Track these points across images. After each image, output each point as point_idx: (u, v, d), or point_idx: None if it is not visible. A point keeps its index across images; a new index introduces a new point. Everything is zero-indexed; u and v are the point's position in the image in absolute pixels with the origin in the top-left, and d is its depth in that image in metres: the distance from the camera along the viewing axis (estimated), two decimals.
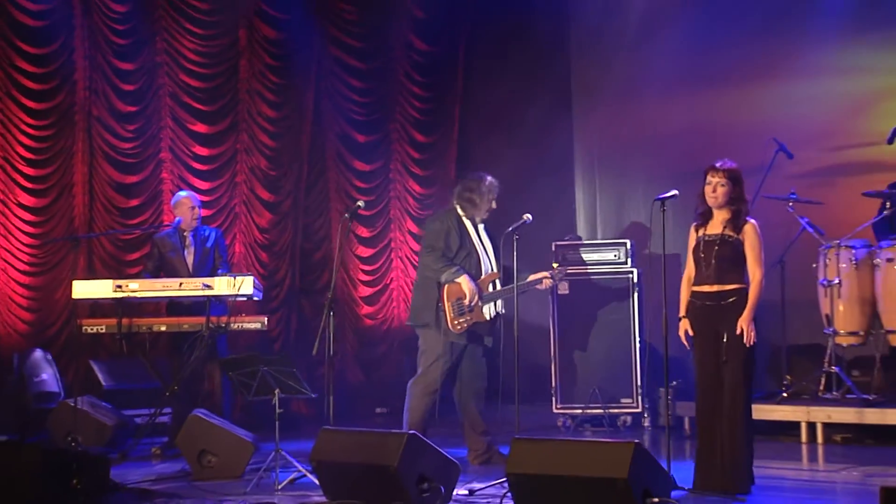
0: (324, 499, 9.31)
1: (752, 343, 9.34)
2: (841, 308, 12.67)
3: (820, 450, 11.98)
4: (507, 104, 17.14)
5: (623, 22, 16.44)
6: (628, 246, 13.79)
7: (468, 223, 11.26)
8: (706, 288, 9.44)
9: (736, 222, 9.41)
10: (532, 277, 11.38)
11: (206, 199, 14.76)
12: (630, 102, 16.65)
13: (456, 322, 10.86)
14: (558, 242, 14.02)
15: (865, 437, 12.12)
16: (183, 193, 13.15)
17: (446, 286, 10.91)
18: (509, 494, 8.82)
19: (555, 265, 12.76)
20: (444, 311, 10.91)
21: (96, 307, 12.94)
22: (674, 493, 8.75)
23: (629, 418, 13.35)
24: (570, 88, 17.43)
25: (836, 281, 12.61)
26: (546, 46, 17.25)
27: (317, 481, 9.71)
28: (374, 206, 16.18)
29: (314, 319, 14.70)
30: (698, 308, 9.54)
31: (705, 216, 9.54)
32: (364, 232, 16.05)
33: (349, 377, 15.67)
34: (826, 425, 12.18)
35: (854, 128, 14.83)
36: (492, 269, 11.28)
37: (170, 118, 14.52)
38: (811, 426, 12.14)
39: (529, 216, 11.18)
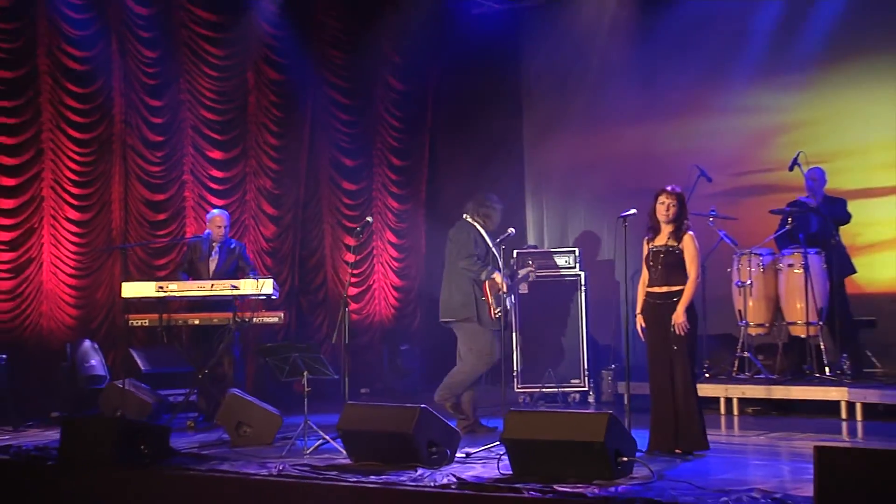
0: (348, 461, 9.59)
1: (683, 331, 9.74)
2: (751, 304, 13.21)
3: (735, 420, 12.44)
4: (469, 135, 17.33)
5: (569, 64, 16.65)
6: (577, 253, 14.18)
7: (483, 231, 11.52)
8: (656, 289, 9.85)
9: (678, 234, 9.80)
10: (522, 271, 11.90)
11: (222, 205, 14.75)
12: (573, 134, 16.88)
13: (496, 311, 11.07)
14: (519, 250, 14.39)
15: (771, 410, 12.66)
16: (216, 211, 13.46)
17: (487, 282, 11.13)
18: (505, 456, 9.01)
19: (530, 262, 13.15)
20: (488, 303, 11.10)
21: (129, 304, 12.85)
22: (637, 454, 9.13)
23: (577, 395, 13.70)
24: (521, 122, 17.67)
25: (748, 282, 13.15)
26: (502, 86, 17.44)
27: (339, 447, 10.00)
28: (360, 220, 15.61)
29: (310, 314, 15.64)
30: (650, 306, 9.94)
31: (654, 230, 9.93)
32: (351, 241, 15.16)
33: (338, 362, 15.47)
34: (740, 400, 12.65)
35: (761, 157, 15.33)
36: (502, 269, 11.46)
37: (191, 146, 14.75)
38: (728, 401, 12.62)
39: (513, 230, 11.70)
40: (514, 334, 13.84)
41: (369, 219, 13.06)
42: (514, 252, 14.45)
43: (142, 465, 9.66)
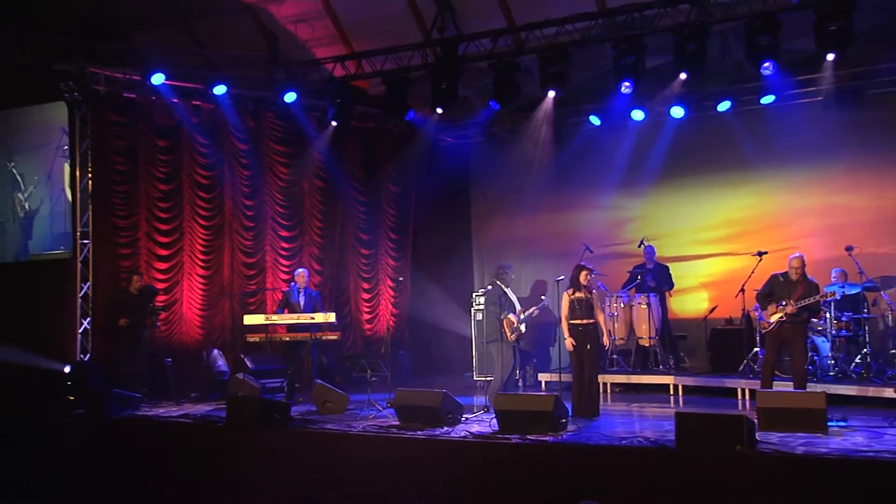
0: (398, 423, 10.45)
1: (600, 343, 10.84)
2: (616, 326, 13.91)
3: (609, 396, 13.17)
4: (437, 220, 17.69)
5: (502, 175, 16.90)
6: None
7: (504, 287, 11.70)
8: (578, 322, 10.77)
9: (589, 290, 10.83)
10: (531, 310, 11.73)
11: (287, 265, 15.37)
12: (504, 220, 17.26)
13: (511, 336, 11.35)
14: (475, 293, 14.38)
15: (631, 390, 13.43)
16: (301, 270, 13.85)
17: (504, 320, 11.39)
18: (493, 419, 9.97)
19: (542, 297, 12.93)
20: (505, 332, 11.37)
21: (246, 327, 13.33)
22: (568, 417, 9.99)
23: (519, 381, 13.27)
24: (470, 212, 17.97)
25: (616, 314, 13.90)
26: (457, 190, 17.73)
27: (390, 415, 10.85)
28: (371, 272, 16.59)
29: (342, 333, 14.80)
30: (576, 330, 10.80)
31: (575, 287, 10.84)
32: (366, 286, 16.50)
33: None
34: (612, 384, 13.50)
35: (620, 237, 15.89)
36: (519, 307, 11.61)
37: (270, 229, 15.28)
38: (605, 385, 13.22)
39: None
40: (472, 345, 14.11)
41: (400, 278, 14.34)
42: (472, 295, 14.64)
43: (276, 426, 10.59)
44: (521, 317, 11.54)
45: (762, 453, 8.09)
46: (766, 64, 11.61)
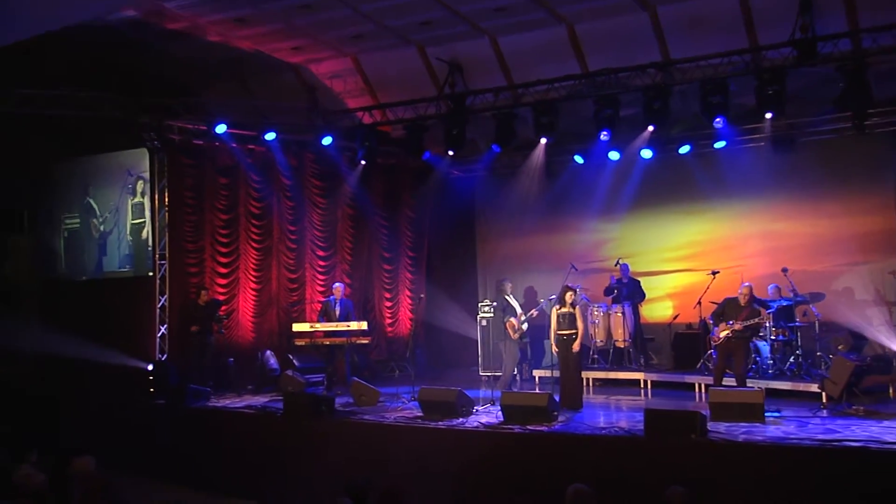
0: (421, 415, 10.72)
1: (578, 349, 11.14)
2: (597, 331, 14.15)
3: (591, 389, 13.33)
4: (448, 240, 17.68)
5: (502, 202, 16.76)
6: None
7: (506, 296, 12.32)
8: (564, 332, 11.14)
9: (573, 306, 11.18)
10: (531, 312, 12.37)
11: (323, 279, 15.64)
12: (504, 240, 17.23)
13: (514, 335, 11.98)
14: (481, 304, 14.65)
15: (608, 384, 13.62)
16: (338, 284, 14.11)
17: (507, 323, 12.05)
18: (499, 412, 10.26)
19: (541, 300, 13.32)
20: (509, 332, 12.04)
21: (295, 333, 13.68)
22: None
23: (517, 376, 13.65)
24: (475, 233, 18.03)
25: (597, 321, 14.12)
26: (464, 215, 17.73)
27: (414, 407, 11.17)
28: (392, 284, 16.77)
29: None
30: (562, 339, 11.15)
31: (561, 304, 11.21)
32: (388, 294, 16.68)
33: (381, 359, 16.02)
34: (594, 379, 13.72)
35: (600, 255, 15.96)
36: (520, 311, 12.24)
37: (309, 250, 15.55)
38: (588, 380, 13.37)
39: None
40: (478, 344, 14.28)
41: (422, 295, 14.64)
42: (478, 305, 14.94)
43: (324, 416, 10.98)
44: (522, 318, 11.91)
45: (712, 441, 8.62)
46: (718, 119, 12.34)
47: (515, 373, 13.31)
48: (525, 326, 12.11)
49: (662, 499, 5.80)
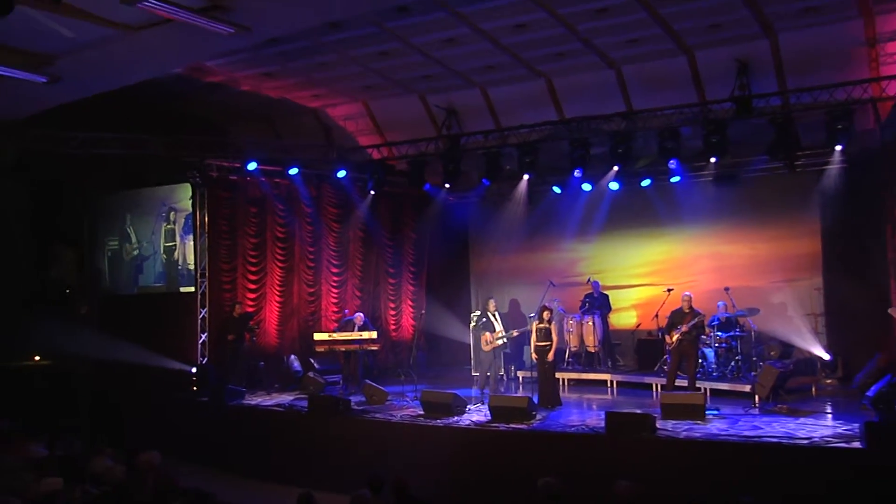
0: (423, 413, 11.13)
1: (553, 358, 11.70)
2: (571, 338, 14.46)
3: (566, 388, 13.69)
4: (444, 258, 17.93)
5: (492, 224, 16.94)
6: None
7: (489, 312, 12.54)
8: (541, 343, 11.66)
9: (549, 322, 11.73)
10: (511, 332, 12.53)
11: (337, 293, 16.14)
12: (495, 258, 17.26)
13: (486, 347, 12.21)
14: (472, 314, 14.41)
15: (581, 383, 13.95)
16: (359, 314, 14.49)
17: (482, 336, 12.31)
18: (488, 411, 10.67)
19: (530, 315, 12.77)
20: (482, 344, 12.31)
21: (315, 341, 14.10)
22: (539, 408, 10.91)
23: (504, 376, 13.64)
24: (468, 252, 18.23)
25: (571, 330, 14.46)
26: (458, 235, 17.98)
27: (417, 406, 11.55)
28: (396, 296, 17.15)
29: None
30: (539, 349, 11.66)
31: (539, 319, 11.71)
32: (392, 304, 17.04)
33: (387, 360, 16.42)
34: (568, 379, 14.01)
35: (574, 272, 16.30)
36: (499, 329, 12.35)
37: (325, 267, 16.03)
38: (563, 380, 13.76)
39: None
40: (471, 350, 14.23)
41: (423, 311, 15.12)
42: (471, 315, 14.79)
43: (342, 415, 11.43)
44: (500, 335, 12.29)
45: (659, 438, 9.29)
46: (672, 161, 13.30)
47: (502, 373, 13.62)
48: (500, 342, 12.37)
49: (611, 491, 6.28)
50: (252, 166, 14.66)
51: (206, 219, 14.62)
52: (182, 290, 15.28)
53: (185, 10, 8.61)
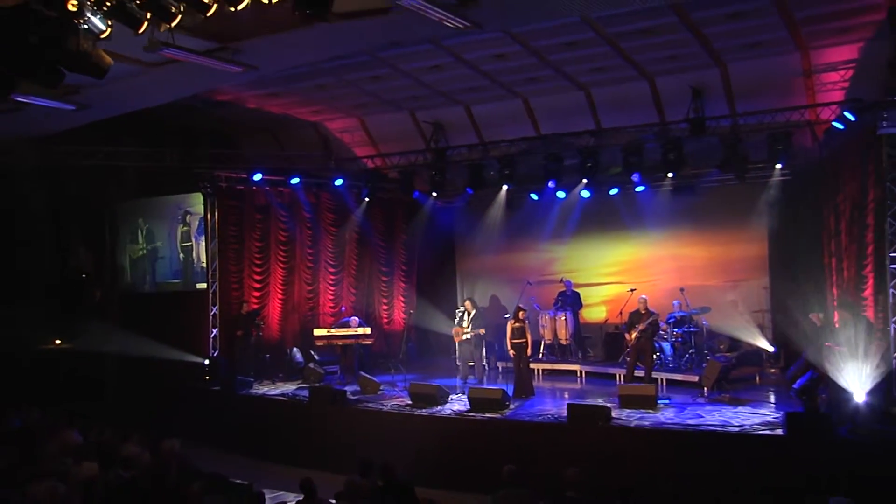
0: (411, 403, 11.56)
1: (528, 353, 12.30)
2: (545, 332, 14.93)
3: (541, 378, 14.23)
4: (432, 258, 18.19)
5: (475, 227, 17.17)
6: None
7: (465, 311, 13.17)
8: (516, 340, 12.26)
9: (524, 320, 12.32)
10: (471, 331, 12.86)
11: (333, 290, 16.50)
12: (480, 257, 17.62)
13: (457, 338, 12.99)
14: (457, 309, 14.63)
15: (554, 373, 14.43)
16: (355, 318, 14.83)
17: (454, 330, 13.09)
18: (467, 402, 11.12)
19: (506, 316, 13.56)
20: (454, 336, 13.12)
21: (316, 336, 14.58)
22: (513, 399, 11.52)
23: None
24: (454, 252, 18.53)
25: (545, 324, 14.87)
26: (445, 238, 18.20)
27: (405, 396, 12.06)
28: (388, 292, 17.44)
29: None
30: (515, 345, 12.30)
31: (516, 319, 12.35)
32: (385, 300, 17.29)
33: (380, 350, 16.44)
34: (543, 370, 14.49)
35: (549, 271, 16.54)
36: (465, 325, 13.01)
37: (323, 268, 16.34)
38: (538, 371, 14.26)
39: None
40: (455, 343, 14.21)
41: (412, 311, 15.61)
42: (456, 310, 15.14)
43: (339, 405, 11.81)
44: (466, 329, 12.98)
45: (614, 426, 9.95)
46: (634, 175, 14.02)
47: (485, 364, 14.24)
48: (465, 337, 12.99)
49: (561, 477, 6.65)
50: (257, 177, 15.12)
51: (217, 225, 15.00)
52: (198, 286, 15.75)
53: (199, 55, 9.26)
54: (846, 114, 10.43)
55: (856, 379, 9.14)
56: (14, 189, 15.03)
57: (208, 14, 6.01)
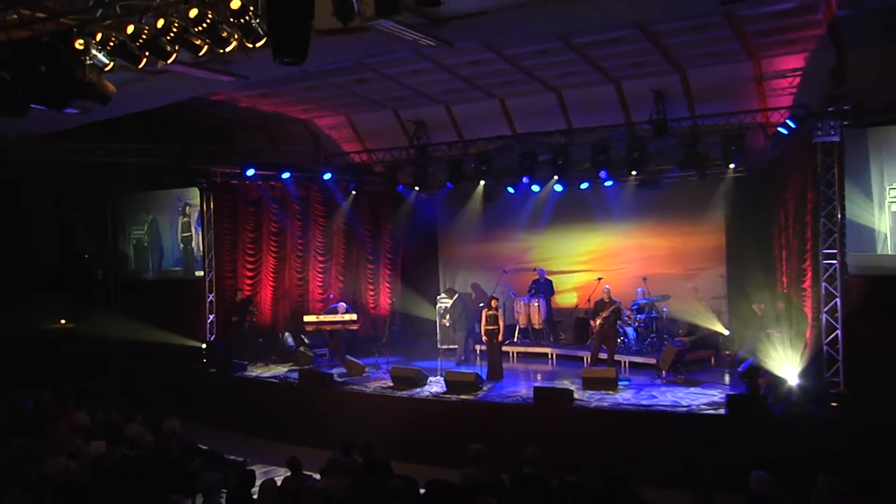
0: (393, 385, 11.82)
1: (500, 339, 12.59)
2: (520, 317, 15.28)
3: (515, 359, 14.59)
4: (416, 247, 18.32)
5: (456, 218, 17.22)
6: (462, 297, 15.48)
7: (446, 298, 13.78)
8: (489, 327, 12.60)
9: (497, 309, 12.63)
10: (444, 321, 13.33)
11: (321, 278, 16.70)
12: (460, 246, 17.89)
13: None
14: (438, 296, 15.92)
15: (528, 356, 14.74)
16: (343, 304, 15.05)
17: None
18: (444, 384, 11.37)
19: (480, 304, 13.73)
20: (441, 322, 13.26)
21: (306, 322, 14.91)
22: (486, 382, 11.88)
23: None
24: (437, 241, 18.59)
25: (520, 310, 15.22)
26: (428, 227, 18.28)
27: (388, 379, 12.21)
28: (374, 280, 17.54)
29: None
30: (488, 331, 12.62)
31: (488, 307, 12.68)
32: (371, 287, 17.42)
33: (367, 333, 16.42)
34: (517, 353, 14.87)
35: (525, 259, 16.83)
36: (443, 311, 13.51)
37: (312, 257, 16.55)
38: (512, 353, 14.49)
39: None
40: (437, 325, 15.35)
41: (394, 299, 16.10)
42: (437, 297, 16.36)
43: (327, 388, 12.17)
44: (446, 317, 13.37)
45: (576, 407, 10.43)
46: (602, 172, 14.40)
47: (460, 346, 14.62)
48: (446, 323, 13.65)
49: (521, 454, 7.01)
50: (250, 172, 15.17)
51: (212, 217, 15.19)
52: (196, 273, 15.99)
53: (193, 67, 9.63)
54: (788, 121, 10.85)
55: (790, 363, 9.53)
56: (19, 182, 15.28)
57: (200, 54, 6.37)
